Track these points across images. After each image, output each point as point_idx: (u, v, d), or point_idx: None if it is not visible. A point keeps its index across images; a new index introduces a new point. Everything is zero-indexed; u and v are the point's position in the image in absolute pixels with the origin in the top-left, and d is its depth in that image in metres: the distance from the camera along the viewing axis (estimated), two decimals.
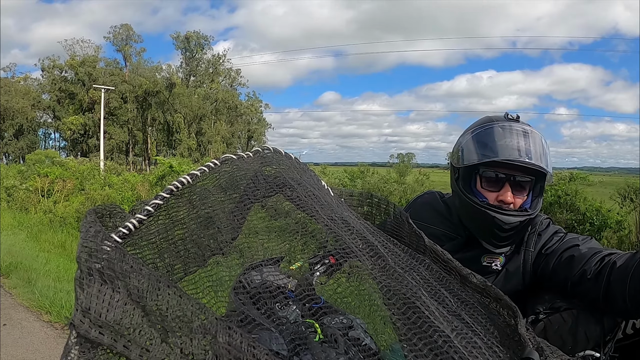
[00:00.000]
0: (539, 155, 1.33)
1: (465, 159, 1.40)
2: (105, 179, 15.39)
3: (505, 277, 1.43)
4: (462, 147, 1.43)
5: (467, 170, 1.40)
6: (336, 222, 0.96)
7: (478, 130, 1.40)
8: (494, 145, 1.34)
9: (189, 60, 52.34)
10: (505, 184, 1.36)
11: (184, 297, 0.76)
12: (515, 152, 1.32)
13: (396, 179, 14.58)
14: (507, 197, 1.35)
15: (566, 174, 9.76)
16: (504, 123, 1.37)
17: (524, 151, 1.32)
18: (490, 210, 1.34)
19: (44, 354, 4.15)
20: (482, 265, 1.43)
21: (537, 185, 1.40)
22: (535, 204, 1.40)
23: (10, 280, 6.38)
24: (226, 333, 0.71)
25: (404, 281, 0.88)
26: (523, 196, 1.38)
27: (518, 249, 1.43)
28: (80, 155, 43.74)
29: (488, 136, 1.36)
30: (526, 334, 0.85)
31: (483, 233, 1.40)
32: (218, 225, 0.99)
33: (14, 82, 47.40)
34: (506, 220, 1.33)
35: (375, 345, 0.97)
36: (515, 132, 1.34)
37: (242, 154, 1.09)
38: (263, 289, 0.97)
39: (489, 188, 1.38)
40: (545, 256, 1.38)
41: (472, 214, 1.39)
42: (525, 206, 1.39)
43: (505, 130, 1.35)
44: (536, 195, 1.41)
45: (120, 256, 0.78)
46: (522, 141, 1.33)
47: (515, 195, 1.36)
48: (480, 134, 1.39)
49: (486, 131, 1.38)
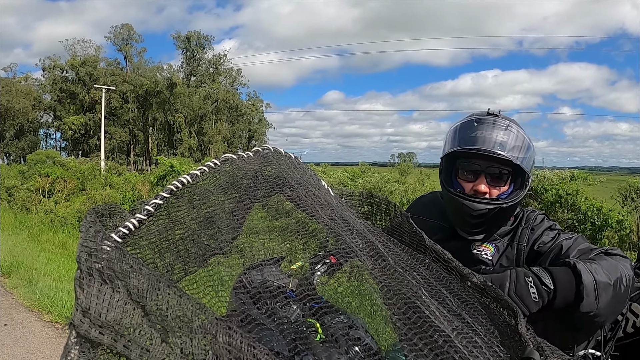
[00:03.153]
0: (511, 147, 1.38)
1: (444, 150, 1.49)
2: (106, 179, 15.39)
3: (499, 267, 1.45)
4: (445, 140, 1.51)
5: (447, 161, 1.49)
6: (336, 222, 0.96)
7: (458, 123, 1.49)
8: (467, 136, 1.42)
9: (190, 60, 52.36)
10: (480, 175, 1.42)
11: (184, 297, 0.76)
12: (485, 143, 1.38)
13: (397, 179, 14.57)
14: (481, 187, 1.41)
15: (567, 174, 9.74)
16: (482, 117, 1.45)
17: (494, 142, 1.38)
18: (459, 197, 1.41)
19: (44, 354, 4.16)
20: (472, 253, 1.47)
21: (518, 177, 1.44)
22: (515, 196, 1.44)
23: (11, 280, 6.38)
24: (226, 333, 0.71)
25: (405, 281, 0.88)
26: (501, 187, 1.43)
27: (511, 243, 1.46)
28: (81, 155, 43.77)
29: (465, 128, 1.45)
30: (526, 334, 0.85)
31: (456, 219, 1.47)
32: (218, 225, 0.99)
33: (14, 82, 47.45)
34: (473, 207, 1.39)
35: (376, 344, 0.97)
36: (490, 125, 1.41)
37: (242, 154, 1.09)
38: (264, 288, 0.96)
39: (466, 178, 1.45)
40: (536, 254, 1.41)
41: (447, 202, 1.47)
42: (502, 197, 1.43)
43: (480, 123, 1.42)
44: (517, 187, 1.45)
45: (120, 256, 0.77)
46: (494, 133, 1.39)
47: (492, 186, 1.42)
48: (459, 127, 1.47)
49: (464, 124, 1.46)
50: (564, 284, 1.14)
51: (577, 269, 1.14)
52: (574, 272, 1.15)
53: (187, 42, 51.74)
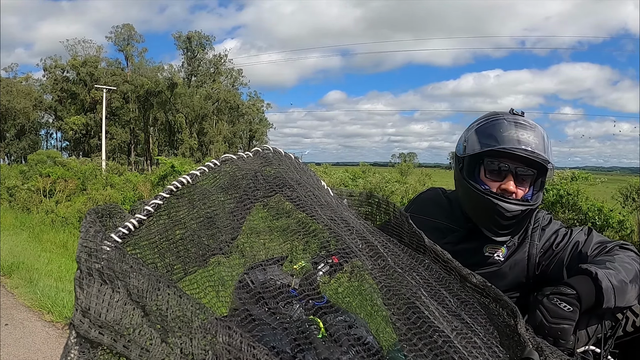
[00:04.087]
0: (541, 148, 1.37)
1: (469, 149, 1.45)
2: (107, 179, 15.39)
3: (510, 267, 1.45)
4: (467, 138, 1.47)
5: (472, 160, 1.43)
6: (336, 222, 0.96)
7: (484, 122, 1.45)
8: (498, 135, 1.38)
9: (191, 60, 52.37)
10: (508, 175, 1.39)
11: (183, 297, 0.76)
12: (519, 143, 1.36)
13: (398, 179, 14.54)
14: (510, 187, 1.38)
15: (568, 174, 9.72)
16: (509, 116, 1.42)
17: (527, 143, 1.36)
18: (493, 197, 1.38)
19: (45, 354, 4.16)
20: (484, 255, 1.46)
21: (538, 179, 1.43)
22: (536, 197, 1.43)
23: (12, 280, 6.39)
24: (226, 333, 0.71)
25: (404, 281, 0.88)
26: (525, 188, 1.42)
27: (522, 242, 1.46)
28: (82, 155, 43.78)
29: (493, 128, 1.41)
30: (526, 334, 0.85)
31: (485, 220, 1.43)
32: (218, 225, 0.99)
33: (15, 82, 47.47)
34: (508, 208, 1.36)
35: (377, 343, 0.97)
36: (519, 125, 1.38)
37: (242, 154, 1.09)
38: (266, 287, 0.97)
39: (492, 178, 1.41)
40: (553, 253, 1.42)
41: (475, 201, 1.42)
42: (527, 197, 1.42)
43: (510, 123, 1.39)
44: (537, 189, 1.44)
45: (120, 256, 0.78)
46: (526, 134, 1.37)
47: (517, 187, 1.40)
48: (486, 126, 1.43)
49: (491, 123, 1.42)
50: (583, 289, 1.19)
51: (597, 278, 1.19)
52: (594, 281, 1.20)
53: (188, 42, 51.76)
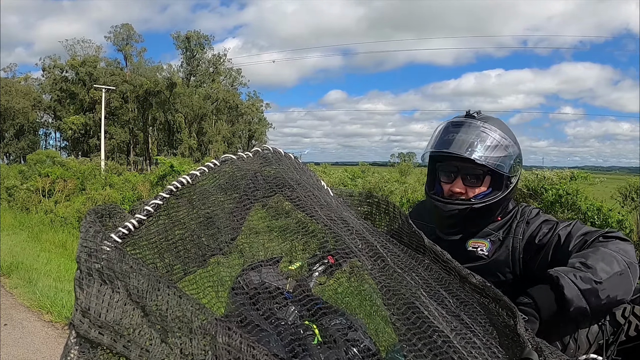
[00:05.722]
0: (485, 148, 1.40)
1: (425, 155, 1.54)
2: (106, 179, 15.37)
3: (495, 263, 1.46)
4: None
5: (429, 165, 1.53)
6: (336, 222, 0.96)
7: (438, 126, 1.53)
8: (437, 140, 1.46)
9: (190, 59, 52.33)
10: (457, 176, 1.45)
11: (183, 298, 0.76)
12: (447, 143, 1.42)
13: (397, 179, 14.54)
14: (455, 188, 1.45)
15: (567, 173, 9.73)
16: (457, 119, 1.48)
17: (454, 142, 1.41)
18: (433, 198, 1.47)
19: (44, 354, 4.15)
20: (467, 249, 1.49)
21: (494, 178, 1.45)
22: (491, 196, 1.45)
23: (11, 280, 6.38)
24: (226, 334, 0.71)
25: (404, 282, 0.88)
26: (477, 188, 1.45)
27: (506, 237, 1.47)
28: (81, 155, 43.70)
29: (436, 132, 1.49)
30: (525, 335, 0.85)
31: (434, 220, 1.51)
32: (218, 225, 0.99)
33: (14, 82, 47.42)
34: (444, 208, 1.44)
35: (374, 346, 0.97)
36: (454, 125, 1.45)
37: (241, 154, 1.09)
38: (261, 289, 0.96)
39: (444, 181, 1.49)
40: (536, 247, 1.41)
41: (428, 204, 1.53)
42: (478, 197, 1.45)
43: (448, 125, 1.46)
44: (495, 188, 1.46)
45: (120, 256, 0.78)
46: (457, 134, 1.42)
47: (469, 187, 1.45)
48: (436, 129, 1.51)
49: (438, 128, 1.51)
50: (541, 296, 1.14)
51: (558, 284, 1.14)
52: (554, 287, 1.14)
53: (187, 42, 51.69)
